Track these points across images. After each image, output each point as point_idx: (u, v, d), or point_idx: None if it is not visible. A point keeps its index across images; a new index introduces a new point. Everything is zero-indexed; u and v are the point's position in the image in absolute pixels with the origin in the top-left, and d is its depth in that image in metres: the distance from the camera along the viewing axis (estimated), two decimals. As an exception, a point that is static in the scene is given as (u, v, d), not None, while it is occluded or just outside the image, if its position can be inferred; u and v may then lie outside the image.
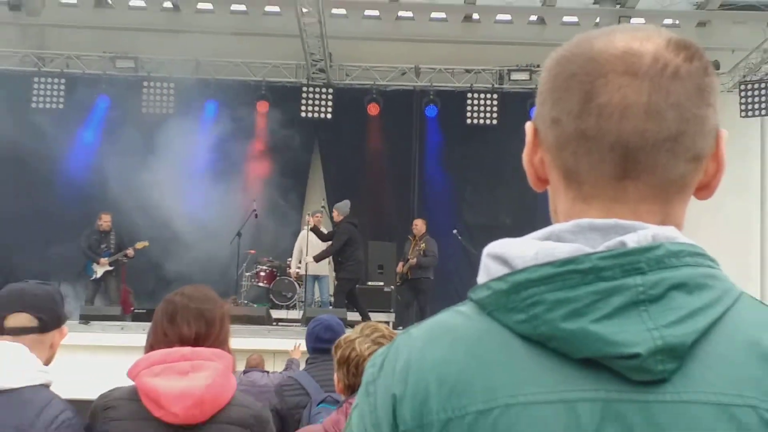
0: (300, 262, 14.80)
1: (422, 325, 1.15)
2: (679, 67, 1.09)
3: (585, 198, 1.13)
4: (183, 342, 3.03)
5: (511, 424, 1.02)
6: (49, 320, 3.09)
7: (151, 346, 3.06)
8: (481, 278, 1.11)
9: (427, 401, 1.06)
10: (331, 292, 14.79)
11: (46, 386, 2.98)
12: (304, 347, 5.35)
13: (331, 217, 14.28)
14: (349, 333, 3.49)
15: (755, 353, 1.03)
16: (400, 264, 14.62)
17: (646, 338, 1.00)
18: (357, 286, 14.10)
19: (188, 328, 3.04)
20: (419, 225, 14.67)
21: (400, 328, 11.91)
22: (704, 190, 1.16)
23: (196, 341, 3.04)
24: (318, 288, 14.71)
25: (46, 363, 3.06)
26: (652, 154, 1.08)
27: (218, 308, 3.15)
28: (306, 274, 14.54)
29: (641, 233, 1.05)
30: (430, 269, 14.37)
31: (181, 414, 2.88)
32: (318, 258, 13.93)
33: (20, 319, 3.04)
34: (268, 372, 8.20)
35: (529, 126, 1.19)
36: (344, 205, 14.05)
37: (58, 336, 3.15)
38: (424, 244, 14.32)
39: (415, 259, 14.30)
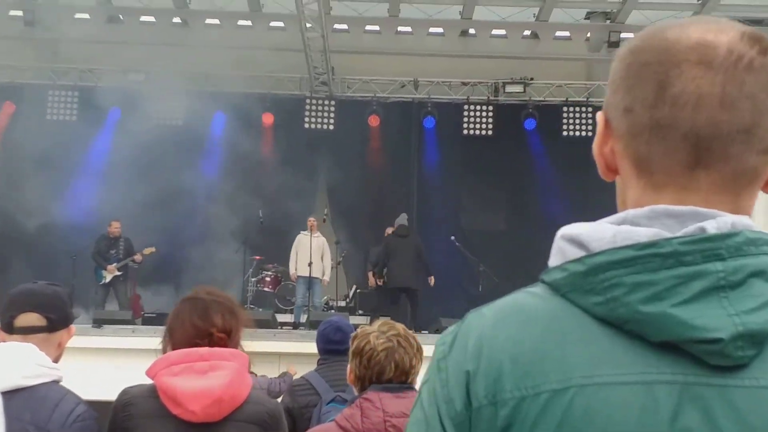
0: (296, 265, 14.99)
1: (493, 304, 1.14)
2: (753, 59, 1.08)
3: (656, 186, 1.11)
4: (215, 334, 3.07)
5: (588, 405, 1.01)
6: (57, 320, 3.10)
7: (172, 344, 3.09)
8: (555, 261, 1.11)
9: (500, 379, 1.06)
10: (322, 296, 15.29)
11: (57, 382, 3.01)
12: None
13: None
14: (367, 327, 3.50)
15: None
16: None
17: (727, 324, 1.00)
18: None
19: (222, 320, 3.09)
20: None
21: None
22: None
23: (227, 335, 3.09)
24: (311, 291, 14.84)
25: (55, 361, 3.09)
26: (725, 144, 1.07)
27: (239, 307, 3.23)
28: (301, 276, 14.74)
29: (720, 220, 1.05)
30: None
31: (200, 412, 2.93)
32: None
33: (29, 318, 3.05)
34: (255, 374, 8.31)
35: (600, 116, 1.18)
36: (400, 219, 14.67)
37: (66, 335, 3.16)
38: None
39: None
